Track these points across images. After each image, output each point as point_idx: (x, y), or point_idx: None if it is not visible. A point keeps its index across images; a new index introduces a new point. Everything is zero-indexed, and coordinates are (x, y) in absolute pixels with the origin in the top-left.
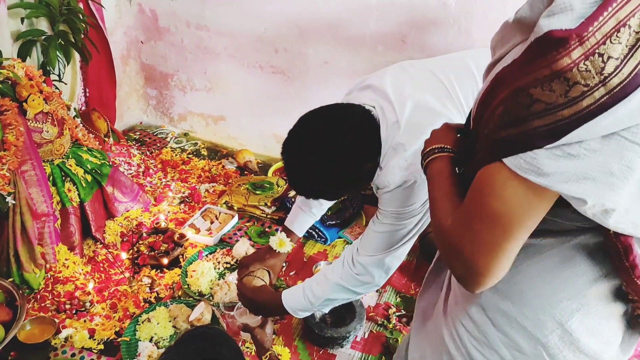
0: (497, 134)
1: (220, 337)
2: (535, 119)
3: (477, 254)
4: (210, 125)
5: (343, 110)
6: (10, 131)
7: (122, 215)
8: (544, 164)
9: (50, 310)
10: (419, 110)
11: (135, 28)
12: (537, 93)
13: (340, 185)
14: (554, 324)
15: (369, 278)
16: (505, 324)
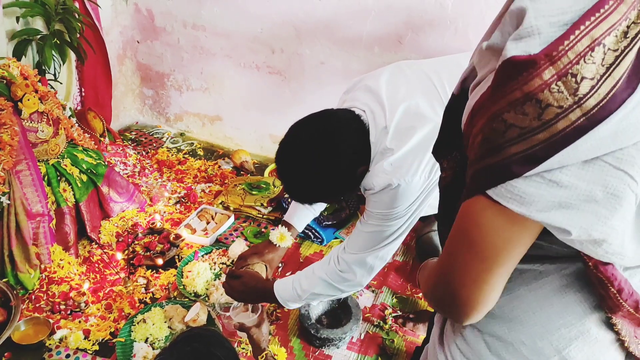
0: (477, 164)
1: (215, 339)
2: (512, 146)
3: (460, 286)
4: (207, 126)
5: (332, 117)
6: (5, 131)
7: (118, 215)
8: (526, 192)
9: (44, 310)
10: (409, 115)
11: (132, 27)
12: (510, 117)
13: (334, 190)
14: (551, 351)
15: (351, 276)
16: (500, 348)
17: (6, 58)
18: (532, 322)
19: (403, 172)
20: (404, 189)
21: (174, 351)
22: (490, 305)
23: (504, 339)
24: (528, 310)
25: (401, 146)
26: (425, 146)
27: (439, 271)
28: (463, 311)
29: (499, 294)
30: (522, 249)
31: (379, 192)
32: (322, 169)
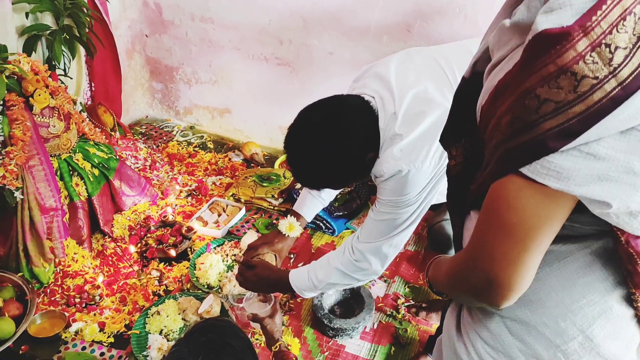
0: (507, 143)
1: (230, 329)
2: (546, 121)
3: (497, 268)
4: (216, 118)
5: (341, 102)
6: (17, 126)
7: (130, 209)
8: (563, 166)
9: (60, 304)
10: (418, 100)
11: (140, 21)
12: (544, 92)
13: (342, 176)
14: (575, 331)
15: (366, 265)
16: (523, 332)
17: (17, 54)
18: (555, 303)
19: (413, 158)
20: (414, 175)
21: (189, 342)
22: (527, 285)
23: (526, 322)
24: (550, 291)
25: (410, 132)
26: (434, 131)
27: (469, 258)
28: (501, 294)
29: (534, 273)
30: (558, 225)
31: (389, 179)
32: (331, 153)
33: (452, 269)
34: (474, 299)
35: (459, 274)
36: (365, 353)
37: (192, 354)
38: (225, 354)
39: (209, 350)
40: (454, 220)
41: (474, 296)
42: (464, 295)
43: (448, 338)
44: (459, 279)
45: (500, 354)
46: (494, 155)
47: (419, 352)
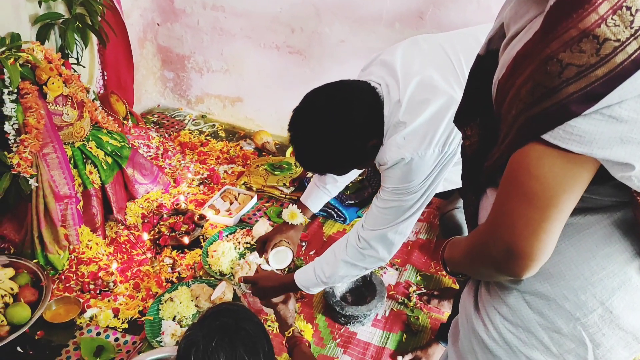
0: (528, 111)
1: (243, 313)
2: (569, 85)
3: (518, 238)
4: (228, 107)
5: (347, 87)
6: (31, 114)
7: (143, 196)
8: (586, 130)
9: (74, 290)
10: (422, 88)
11: (152, 10)
12: (566, 57)
13: (343, 160)
14: (594, 303)
15: (373, 252)
16: (543, 306)
17: (30, 42)
18: (575, 276)
19: (416, 146)
20: (417, 163)
21: (203, 326)
22: (549, 254)
23: (546, 296)
24: (570, 264)
25: (414, 119)
26: (438, 119)
27: (490, 229)
28: (523, 264)
29: (555, 242)
30: (579, 192)
31: (393, 166)
32: (333, 136)
33: (471, 242)
34: (495, 272)
35: (479, 247)
36: (376, 340)
37: (206, 338)
38: (238, 337)
39: (223, 335)
40: (468, 199)
41: (495, 268)
42: (485, 269)
43: (465, 316)
44: (479, 252)
45: (520, 329)
46: (513, 126)
47: (430, 340)
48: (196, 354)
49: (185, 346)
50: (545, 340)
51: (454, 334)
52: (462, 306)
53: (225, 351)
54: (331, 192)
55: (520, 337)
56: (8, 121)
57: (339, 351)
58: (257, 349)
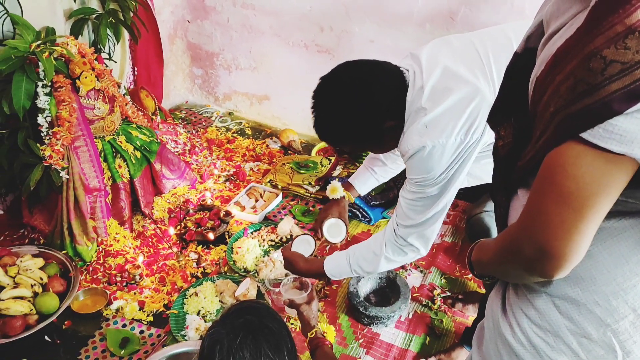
0: (567, 109)
1: (266, 311)
2: (612, 83)
3: (552, 238)
4: (255, 105)
5: (376, 65)
6: (64, 107)
7: (170, 192)
8: (627, 129)
9: (102, 282)
10: (447, 76)
11: (182, 7)
12: (610, 54)
13: (357, 135)
14: (626, 310)
15: (411, 248)
16: (573, 311)
17: (65, 36)
18: (607, 281)
19: (437, 134)
20: (438, 151)
21: (226, 323)
22: (582, 256)
23: (576, 301)
24: (602, 269)
25: (435, 107)
26: (461, 108)
27: (522, 229)
28: (555, 265)
29: (589, 243)
30: (616, 194)
31: (414, 156)
32: (350, 109)
33: (502, 242)
34: (526, 272)
35: (511, 246)
36: (399, 342)
37: (230, 336)
38: (262, 335)
39: (247, 332)
40: (499, 200)
41: (526, 269)
42: (515, 270)
43: (492, 319)
44: (510, 252)
45: (548, 333)
46: (550, 124)
47: (454, 344)
48: (220, 351)
49: (209, 344)
50: (573, 345)
51: (479, 338)
52: (489, 308)
53: (249, 348)
54: (378, 175)
55: (548, 342)
56: (41, 114)
57: (362, 351)
58: (281, 346)
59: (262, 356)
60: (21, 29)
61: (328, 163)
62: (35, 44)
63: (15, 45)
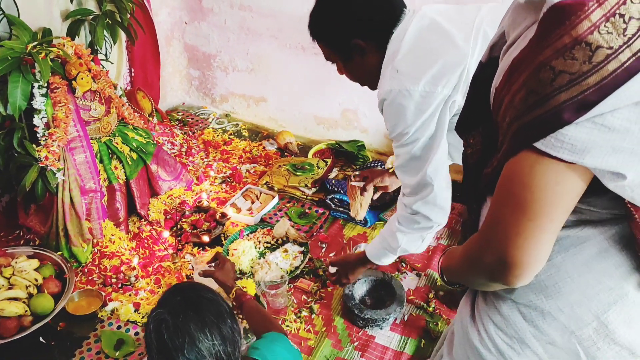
0: (521, 119)
1: (200, 285)
2: (561, 93)
3: (510, 247)
4: (252, 107)
5: None
6: (60, 108)
7: (166, 193)
8: (578, 139)
9: (97, 283)
10: (432, 28)
11: (180, 9)
12: (559, 64)
13: (328, 37)
14: (590, 317)
15: (422, 216)
16: (537, 318)
17: (61, 37)
18: (570, 290)
19: (403, 79)
20: (404, 98)
21: (166, 303)
22: (541, 264)
23: (541, 308)
24: (566, 277)
25: (409, 52)
26: (433, 57)
27: (483, 238)
28: (515, 274)
29: (549, 251)
30: (572, 202)
31: (384, 103)
32: (333, 6)
33: (466, 251)
34: (488, 280)
35: (473, 256)
36: (395, 345)
37: (172, 314)
38: (202, 306)
39: (187, 307)
40: (470, 208)
41: (488, 277)
42: (478, 278)
43: (461, 324)
44: (473, 261)
45: (514, 340)
46: (507, 134)
47: None
48: (167, 329)
49: (154, 326)
50: (539, 351)
51: (449, 342)
52: (458, 315)
53: (194, 320)
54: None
55: (514, 347)
56: (37, 115)
57: (357, 354)
58: (222, 312)
59: (207, 325)
60: (17, 29)
61: (325, 165)
62: (32, 45)
63: (11, 46)
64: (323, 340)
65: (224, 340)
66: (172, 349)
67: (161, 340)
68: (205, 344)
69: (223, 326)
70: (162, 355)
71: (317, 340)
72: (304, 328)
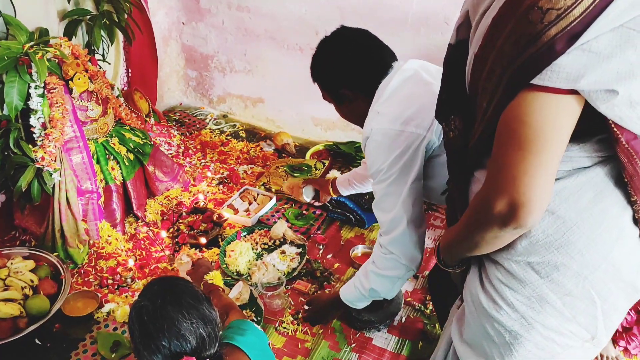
0: (514, 63)
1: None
2: (551, 28)
3: (519, 186)
4: (249, 108)
5: (379, 44)
6: (57, 109)
7: (163, 194)
8: (572, 66)
9: (93, 284)
10: (415, 78)
11: (177, 9)
12: (545, 3)
13: (323, 80)
14: (598, 259)
15: (394, 256)
16: (552, 272)
17: (58, 37)
18: (578, 237)
19: (382, 119)
20: (378, 135)
21: (145, 295)
22: (549, 198)
23: (554, 262)
24: (572, 225)
25: (391, 96)
26: (411, 101)
27: (490, 186)
28: (528, 211)
29: (552, 186)
30: (568, 135)
31: (367, 143)
32: (328, 55)
33: (469, 212)
34: (500, 229)
35: (481, 210)
36: (392, 347)
37: (151, 300)
38: (179, 290)
39: (165, 292)
40: (458, 189)
41: (499, 225)
42: (488, 231)
43: (472, 301)
44: (482, 215)
45: (532, 299)
46: (499, 86)
47: None
48: (147, 314)
49: (135, 314)
50: (558, 305)
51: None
52: (467, 295)
53: (172, 304)
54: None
55: (534, 307)
56: (34, 115)
57: (354, 356)
58: (199, 295)
59: (184, 307)
60: (14, 29)
61: (322, 166)
62: (29, 45)
63: (8, 46)
64: (320, 342)
65: (203, 320)
66: (153, 331)
67: (143, 325)
68: (185, 324)
69: (200, 307)
70: (145, 339)
71: (314, 342)
72: (301, 330)
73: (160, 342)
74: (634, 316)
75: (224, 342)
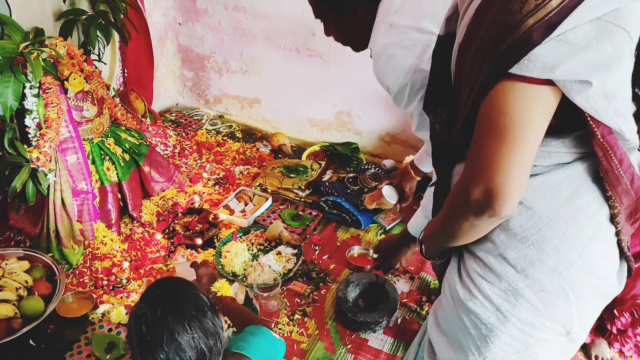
0: (494, 52)
1: (179, 279)
2: (529, 18)
3: (495, 173)
4: (245, 108)
5: None
6: (52, 109)
7: (158, 195)
8: (548, 56)
9: (88, 285)
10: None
11: (174, 9)
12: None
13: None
14: (573, 255)
15: None
16: (528, 267)
17: (53, 38)
18: (554, 233)
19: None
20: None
21: (147, 299)
22: (524, 189)
23: (530, 257)
24: (548, 221)
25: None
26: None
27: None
28: (502, 200)
29: (528, 176)
30: (545, 123)
31: (380, 61)
32: None
33: (449, 200)
34: (476, 217)
35: (459, 197)
36: (388, 348)
37: (151, 308)
38: (181, 299)
39: (167, 301)
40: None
41: (475, 213)
42: (465, 220)
43: (449, 293)
44: (459, 203)
45: (508, 292)
46: (480, 74)
47: None
48: (146, 323)
49: (134, 321)
50: (533, 299)
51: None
52: (445, 285)
53: (171, 314)
54: None
55: (509, 300)
56: (29, 115)
57: (350, 357)
58: (202, 305)
59: (186, 318)
60: (9, 29)
61: (318, 167)
62: (24, 45)
63: (3, 46)
64: (316, 343)
65: (204, 333)
66: (151, 342)
67: (141, 334)
68: (185, 338)
69: (203, 319)
70: (143, 350)
71: (310, 343)
72: (296, 331)
73: (157, 355)
74: (629, 318)
75: (230, 352)
